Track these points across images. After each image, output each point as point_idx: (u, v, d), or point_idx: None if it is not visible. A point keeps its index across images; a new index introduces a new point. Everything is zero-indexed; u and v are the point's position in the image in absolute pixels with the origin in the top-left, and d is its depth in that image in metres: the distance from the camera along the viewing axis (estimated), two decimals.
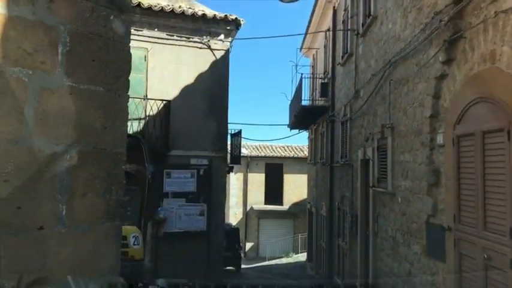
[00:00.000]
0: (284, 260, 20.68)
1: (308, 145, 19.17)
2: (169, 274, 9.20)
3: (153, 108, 9.31)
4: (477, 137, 4.03)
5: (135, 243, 5.13)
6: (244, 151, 24.25)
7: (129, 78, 3.13)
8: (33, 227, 2.36)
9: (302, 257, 19.94)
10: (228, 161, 13.35)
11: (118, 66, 3.10)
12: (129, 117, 9.24)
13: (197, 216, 9.82)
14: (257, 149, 25.20)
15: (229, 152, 13.56)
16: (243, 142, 24.73)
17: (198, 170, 9.88)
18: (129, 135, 7.76)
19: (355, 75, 9.50)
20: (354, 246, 9.34)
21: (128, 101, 3.29)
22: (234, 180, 23.96)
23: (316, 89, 15.05)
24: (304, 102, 14.10)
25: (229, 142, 13.36)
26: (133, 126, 9.06)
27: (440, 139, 4.90)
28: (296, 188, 23.50)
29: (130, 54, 3.21)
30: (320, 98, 13.98)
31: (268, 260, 21.61)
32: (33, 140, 2.35)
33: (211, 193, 9.95)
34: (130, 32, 2.99)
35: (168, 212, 9.56)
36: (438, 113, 5.04)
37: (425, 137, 5.30)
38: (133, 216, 9.85)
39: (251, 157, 24.11)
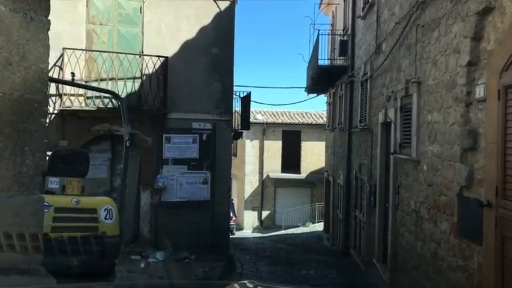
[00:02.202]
0: (300, 230, 20.05)
1: (326, 110, 18.11)
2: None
3: (149, 65, 8.39)
4: None
5: (108, 217, 4.36)
6: (260, 117, 23.34)
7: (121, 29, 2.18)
8: None
9: (319, 226, 19.27)
10: (238, 126, 12.49)
11: None
12: (123, 75, 8.30)
13: (200, 184, 9.02)
14: (274, 115, 24.26)
15: (240, 116, 12.67)
16: (259, 108, 23.84)
17: (200, 135, 9.01)
18: (105, 90, 6.93)
19: (376, 27, 8.38)
20: (371, 219, 8.52)
21: (49, 28, 2.39)
22: (250, 147, 23.21)
23: (335, 49, 13.87)
24: (321, 62, 12.98)
25: (238, 107, 12.46)
26: (127, 86, 8.20)
27: (480, 92, 3.90)
28: (314, 156, 22.66)
29: None
30: (339, 58, 12.83)
31: (284, 229, 21.05)
32: None
33: (216, 160, 9.11)
34: None
35: (168, 180, 8.79)
36: (478, 59, 4.01)
37: (460, 90, 4.28)
38: (131, 184, 9.20)
39: (267, 124, 23.26)
